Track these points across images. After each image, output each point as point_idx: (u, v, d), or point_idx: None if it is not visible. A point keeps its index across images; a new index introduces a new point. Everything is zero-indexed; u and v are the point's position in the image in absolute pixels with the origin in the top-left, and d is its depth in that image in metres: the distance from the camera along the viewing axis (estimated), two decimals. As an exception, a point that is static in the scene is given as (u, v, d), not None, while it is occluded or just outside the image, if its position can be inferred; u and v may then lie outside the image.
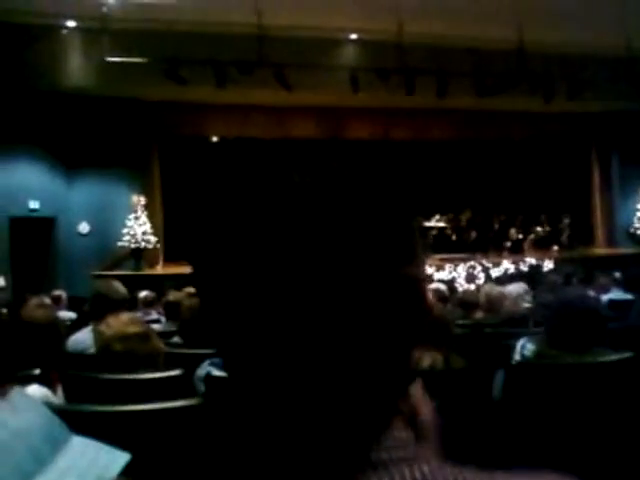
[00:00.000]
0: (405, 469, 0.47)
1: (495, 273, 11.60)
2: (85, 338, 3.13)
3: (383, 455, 0.47)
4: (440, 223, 12.70)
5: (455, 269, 11.44)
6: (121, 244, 10.86)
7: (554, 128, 13.42)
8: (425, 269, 0.53)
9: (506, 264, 11.92)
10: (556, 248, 13.43)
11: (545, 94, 10.70)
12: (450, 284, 9.33)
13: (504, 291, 4.93)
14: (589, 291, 5.33)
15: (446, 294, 5.65)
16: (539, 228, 13.57)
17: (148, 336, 2.15)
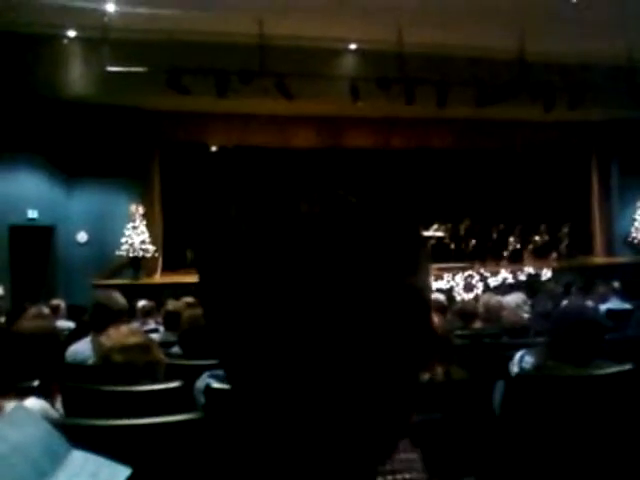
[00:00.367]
0: None
1: (493, 282, 11.59)
2: (85, 348, 3.12)
3: (388, 478, 0.47)
4: (439, 232, 12.66)
5: (453, 278, 11.42)
6: (119, 253, 10.86)
7: (554, 137, 13.40)
8: (430, 280, 0.52)
9: (504, 273, 11.92)
10: (555, 257, 13.42)
11: (546, 103, 10.71)
12: (448, 293, 9.32)
13: (502, 301, 4.92)
14: (588, 301, 5.34)
15: (444, 304, 5.63)
16: (538, 237, 13.55)
17: (148, 347, 2.15)
